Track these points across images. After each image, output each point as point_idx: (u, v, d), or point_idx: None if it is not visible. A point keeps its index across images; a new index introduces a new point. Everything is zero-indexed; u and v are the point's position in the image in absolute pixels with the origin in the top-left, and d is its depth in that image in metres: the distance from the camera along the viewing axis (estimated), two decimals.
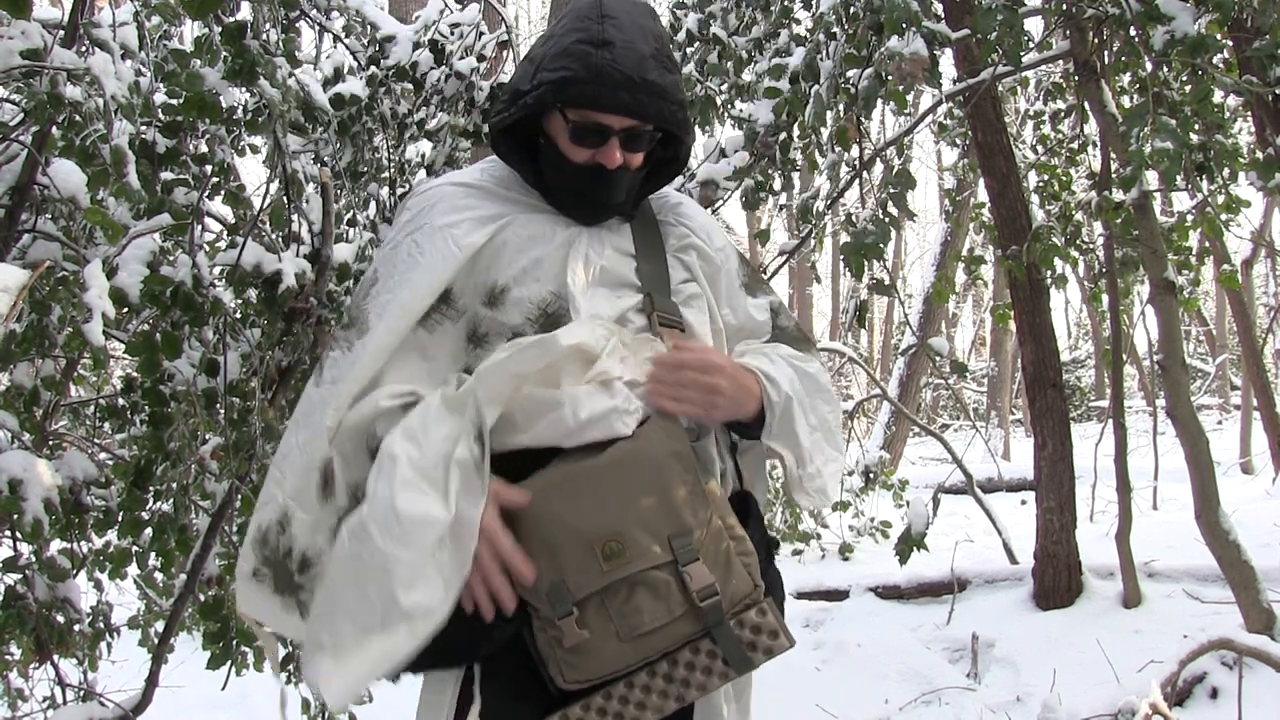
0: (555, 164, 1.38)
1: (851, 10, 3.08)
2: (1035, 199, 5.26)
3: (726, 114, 3.90)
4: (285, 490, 1.32)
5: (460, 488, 1.19)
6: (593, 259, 1.38)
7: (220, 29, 2.25)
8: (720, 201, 3.56)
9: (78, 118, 2.00)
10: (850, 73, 3.07)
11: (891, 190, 3.04)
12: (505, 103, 1.39)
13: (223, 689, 2.58)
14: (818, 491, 1.43)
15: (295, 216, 2.59)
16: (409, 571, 1.15)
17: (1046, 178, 5.27)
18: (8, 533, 2.16)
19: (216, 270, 2.33)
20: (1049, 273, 4.66)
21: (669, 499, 1.23)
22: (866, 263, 3.02)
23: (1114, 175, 4.11)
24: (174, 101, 2.27)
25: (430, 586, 1.16)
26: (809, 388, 1.44)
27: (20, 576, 2.19)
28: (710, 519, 1.25)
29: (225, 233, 2.67)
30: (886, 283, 3.82)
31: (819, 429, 1.44)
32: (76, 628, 2.27)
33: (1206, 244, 5.75)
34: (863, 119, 3.26)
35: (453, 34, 3.33)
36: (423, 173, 3.46)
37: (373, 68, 3.24)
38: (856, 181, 3.95)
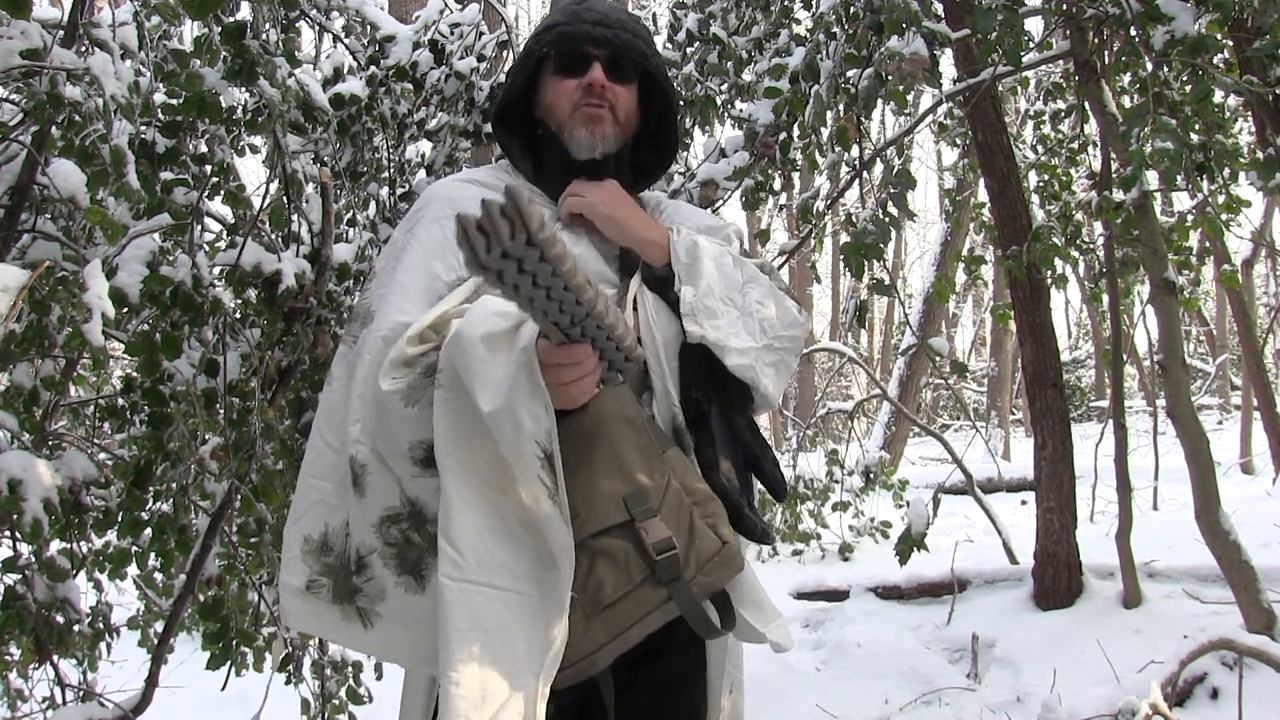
0: (553, 135, 1.46)
1: (851, 10, 3.08)
2: (1035, 199, 5.26)
3: (726, 114, 3.90)
4: (333, 494, 1.33)
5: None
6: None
7: (220, 29, 2.25)
8: (720, 201, 3.55)
9: (78, 118, 2.00)
10: (850, 73, 3.07)
11: (891, 190, 3.03)
12: (504, 85, 1.50)
13: (223, 689, 2.58)
14: (714, 329, 1.34)
15: (295, 216, 2.58)
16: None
17: (1046, 178, 5.26)
18: (8, 533, 2.16)
19: (216, 270, 2.33)
20: (1049, 273, 4.66)
21: (621, 461, 1.22)
22: (866, 263, 3.01)
23: (1114, 175, 4.11)
24: (174, 101, 2.27)
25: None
26: (746, 274, 1.43)
27: (20, 576, 2.18)
28: (668, 482, 1.24)
29: (225, 233, 2.66)
30: (886, 283, 3.81)
31: (736, 307, 1.39)
32: (76, 628, 2.27)
33: (1206, 244, 5.75)
34: (863, 119, 3.25)
35: (453, 34, 3.32)
36: (423, 173, 3.46)
37: (373, 68, 3.23)
38: (856, 181, 3.95)
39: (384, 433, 1.25)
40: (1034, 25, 7.83)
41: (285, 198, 2.54)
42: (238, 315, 2.43)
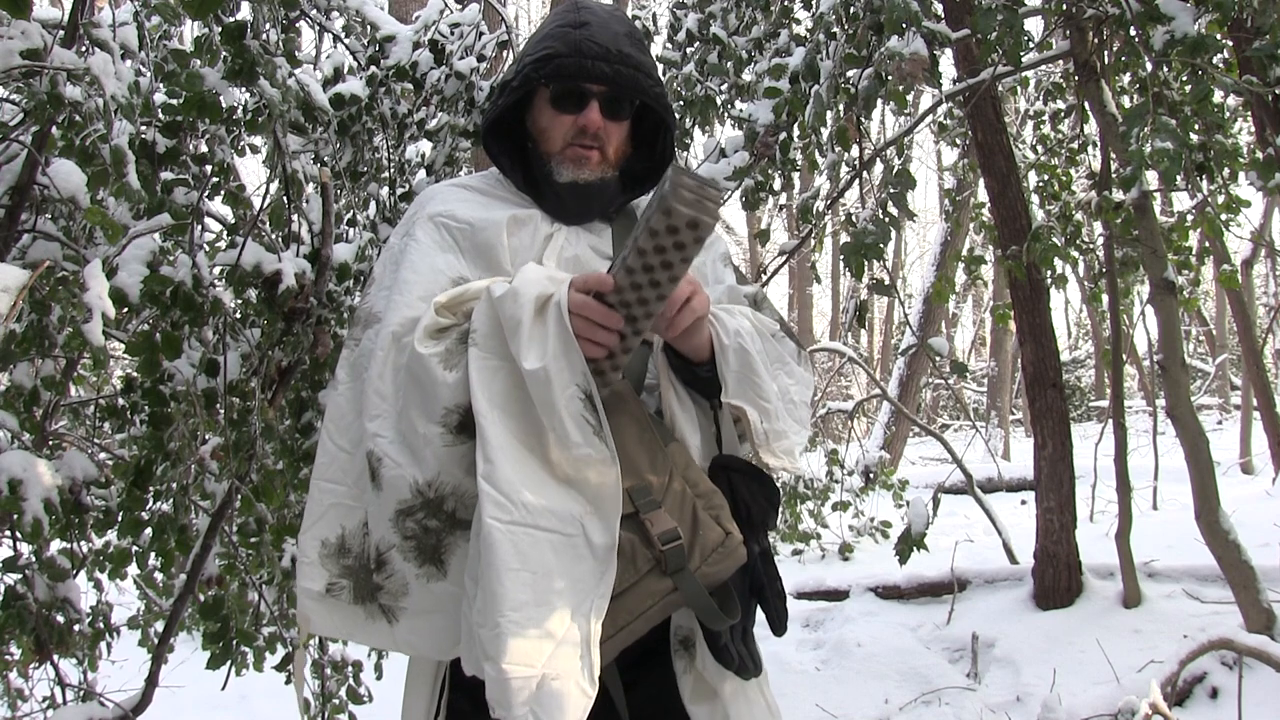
0: (541, 156, 1.46)
1: (851, 10, 3.08)
2: (1035, 199, 5.26)
3: (726, 114, 3.90)
4: (348, 495, 1.32)
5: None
6: (565, 253, 1.44)
7: (220, 29, 2.25)
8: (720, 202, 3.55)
9: (78, 118, 1.99)
10: (850, 73, 3.07)
11: (891, 190, 3.03)
12: (494, 97, 1.49)
13: (223, 689, 2.58)
14: (785, 453, 1.40)
15: (295, 216, 2.58)
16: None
17: (1046, 178, 5.27)
18: (8, 533, 2.16)
19: (216, 270, 2.33)
20: (1049, 273, 4.67)
21: (625, 455, 1.23)
22: (866, 263, 3.01)
23: (1114, 175, 4.11)
24: (174, 101, 2.27)
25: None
26: (771, 354, 1.43)
27: (20, 576, 2.18)
28: (671, 475, 1.25)
29: (225, 233, 2.66)
30: (886, 283, 3.81)
31: (781, 398, 1.41)
32: (76, 628, 2.27)
33: (1206, 244, 5.76)
34: (863, 119, 3.25)
35: (453, 34, 3.32)
36: (423, 173, 3.46)
37: (373, 68, 3.23)
38: (856, 181, 3.95)
39: (418, 401, 1.23)
40: (1034, 25, 7.83)
41: (285, 198, 2.54)
42: (238, 315, 2.43)
